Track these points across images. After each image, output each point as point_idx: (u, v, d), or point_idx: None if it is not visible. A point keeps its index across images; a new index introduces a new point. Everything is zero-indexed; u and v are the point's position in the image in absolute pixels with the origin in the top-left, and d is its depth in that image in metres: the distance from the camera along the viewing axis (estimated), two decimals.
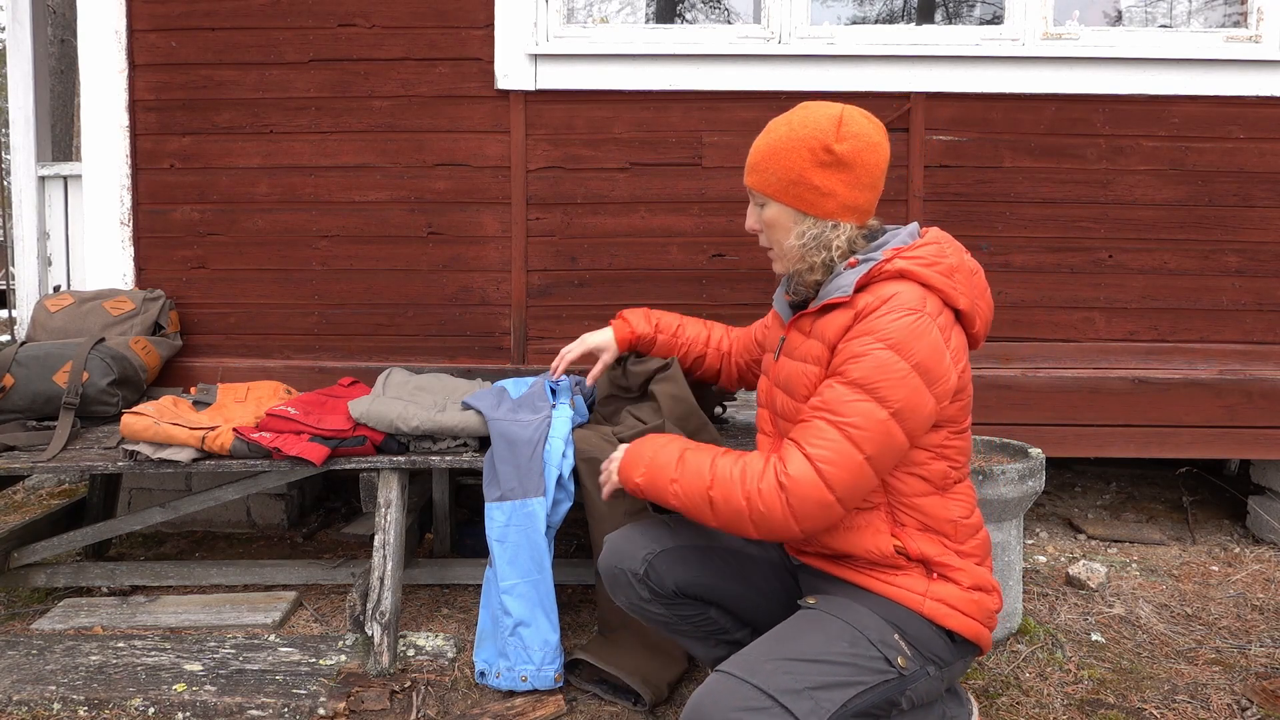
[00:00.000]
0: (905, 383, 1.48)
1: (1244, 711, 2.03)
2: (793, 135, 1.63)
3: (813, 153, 1.61)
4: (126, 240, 3.14)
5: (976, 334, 1.64)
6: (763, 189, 1.67)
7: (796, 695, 1.39)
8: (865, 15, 3.48)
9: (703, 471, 1.58)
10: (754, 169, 1.69)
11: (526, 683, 2.08)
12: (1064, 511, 3.43)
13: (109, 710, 2.02)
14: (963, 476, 1.66)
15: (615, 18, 3.31)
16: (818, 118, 1.63)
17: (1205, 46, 2.98)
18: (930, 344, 1.50)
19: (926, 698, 1.58)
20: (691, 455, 1.62)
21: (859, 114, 1.65)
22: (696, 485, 1.57)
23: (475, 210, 3.12)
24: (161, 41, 3.10)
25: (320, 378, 3.08)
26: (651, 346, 2.29)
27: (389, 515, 2.35)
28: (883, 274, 1.56)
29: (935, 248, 1.59)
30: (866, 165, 1.62)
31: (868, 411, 1.48)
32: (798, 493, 1.48)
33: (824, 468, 1.48)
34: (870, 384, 1.48)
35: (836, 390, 1.51)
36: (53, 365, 2.66)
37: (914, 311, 1.50)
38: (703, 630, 1.82)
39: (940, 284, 1.55)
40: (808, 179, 1.62)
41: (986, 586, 1.63)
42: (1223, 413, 3.03)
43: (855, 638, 1.51)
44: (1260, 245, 3.06)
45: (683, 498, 1.58)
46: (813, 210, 1.64)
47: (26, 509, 3.48)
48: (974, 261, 1.66)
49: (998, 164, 3.06)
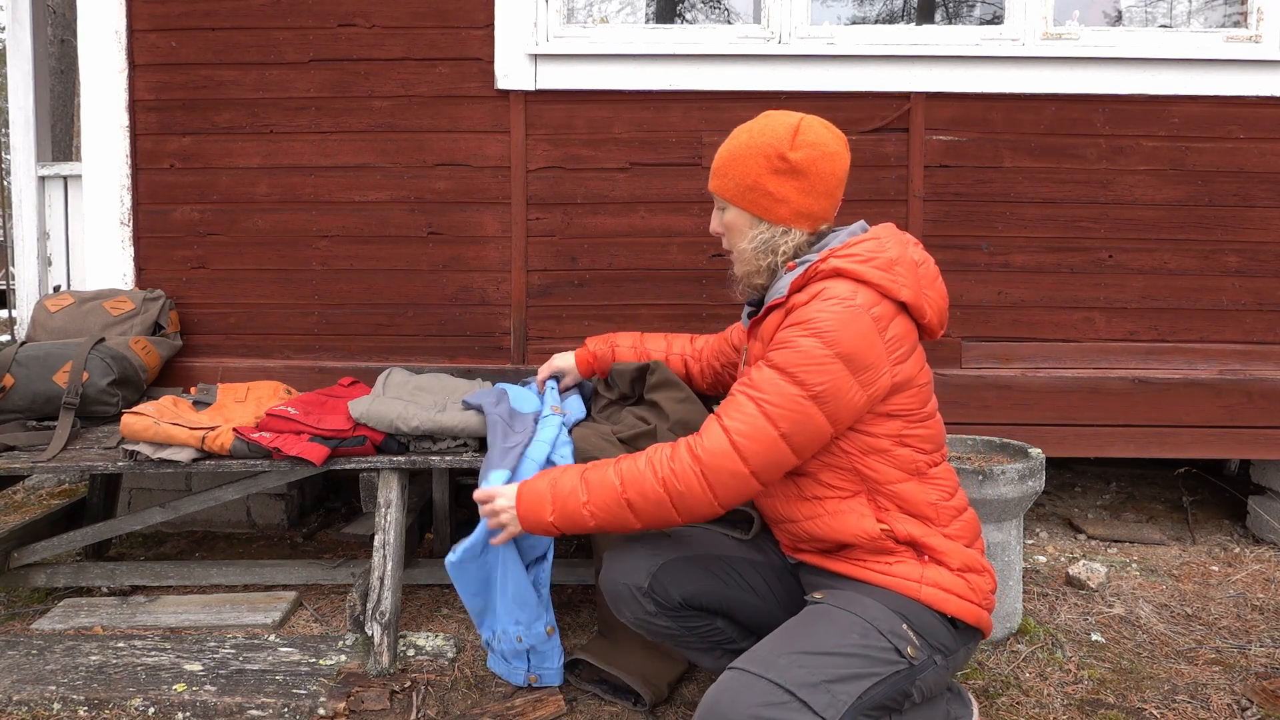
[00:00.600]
0: (826, 369, 1.52)
1: (1244, 711, 2.03)
2: (751, 142, 1.69)
3: (768, 159, 1.66)
4: (126, 240, 3.14)
5: (929, 324, 1.67)
6: (722, 193, 1.74)
7: (813, 689, 1.39)
8: (865, 15, 3.48)
9: (609, 481, 1.59)
10: (716, 173, 1.75)
11: (522, 643, 2.05)
12: (1064, 511, 3.43)
13: (109, 710, 2.02)
14: (937, 462, 1.68)
15: (615, 18, 3.31)
16: (775, 126, 1.68)
17: (1205, 46, 2.98)
18: (857, 332, 1.53)
19: (934, 689, 1.59)
20: (593, 473, 1.63)
21: (818, 123, 1.70)
22: (609, 496, 1.59)
23: (475, 210, 3.12)
24: (161, 41, 3.10)
25: (320, 378, 3.08)
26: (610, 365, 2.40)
27: (389, 515, 2.35)
28: (818, 273, 1.61)
29: (873, 243, 1.63)
30: (821, 174, 1.67)
31: (785, 391, 1.53)
32: (712, 464, 1.54)
33: (739, 440, 1.53)
34: (791, 367, 1.53)
35: (763, 372, 1.56)
36: (53, 365, 2.66)
37: (841, 301, 1.55)
38: (709, 641, 1.82)
39: (876, 278, 1.58)
40: (762, 185, 1.68)
41: (977, 567, 1.64)
42: (1223, 413, 3.03)
43: (866, 629, 1.52)
44: (1260, 245, 3.06)
45: (599, 515, 1.60)
46: (766, 215, 1.70)
47: (26, 509, 3.48)
48: (921, 253, 1.71)
49: (998, 164, 3.06)
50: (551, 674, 2.10)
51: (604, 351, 2.41)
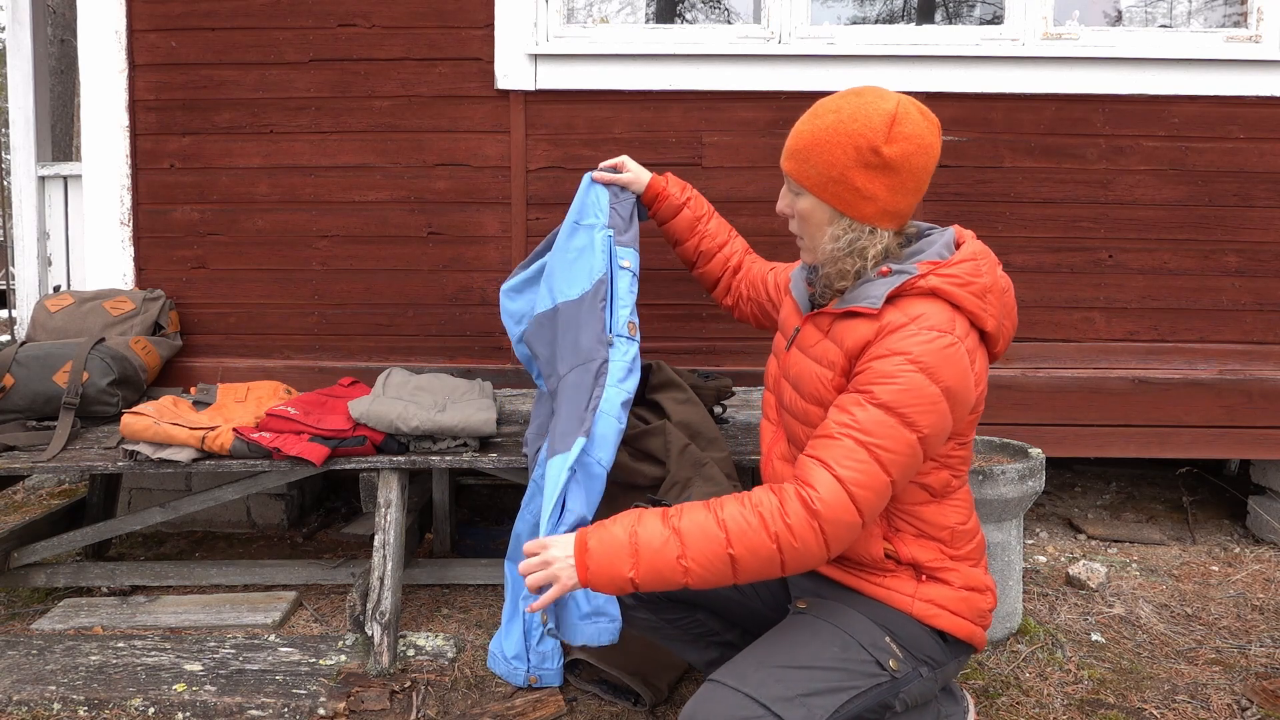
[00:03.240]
0: (936, 407, 1.43)
1: (1244, 711, 2.03)
2: (840, 128, 1.50)
3: (858, 151, 1.49)
4: (126, 240, 3.14)
5: (997, 353, 1.59)
6: (800, 179, 1.56)
7: (789, 703, 1.39)
8: (865, 15, 3.48)
9: (710, 532, 1.40)
10: (793, 155, 1.57)
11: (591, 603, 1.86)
12: (1064, 511, 3.43)
13: (109, 710, 2.02)
14: (963, 484, 1.64)
15: (615, 18, 3.31)
16: (869, 112, 1.50)
17: (1205, 46, 2.98)
18: (960, 368, 1.45)
19: (921, 699, 1.58)
20: (685, 521, 1.43)
21: (914, 110, 1.53)
22: (712, 551, 1.40)
23: (475, 210, 3.12)
24: (161, 41, 3.10)
25: (320, 378, 3.08)
26: (673, 214, 2.27)
27: (389, 515, 2.35)
28: (914, 289, 1.49)
29: (971, 265, 1.51)
30: (914, 170, 1.52)
31: (900, 435, 1.42)
32: (830, 517, 1.39)
33: (855, 490, 1.40)
34: (901, 408, 1.41)
35: (868, 411, 1.43)
36: (53, 365, 2.67)
37: (944, 333, 1.44)
38: (691, 633, 1.81)
39: (971, 306, 1.49)
40: (849, 179, 1.51)
41: (980, 587, 1.62)
42: (1223, 413, 3.03)
43: (846, 642, 1.50)
44: (1260, 245, 3.06)
45: (697, 570, 1.40)
46: (848, 211, 1.54)
47: (26, 509, 3.48)
48: (1006, 278, 1.59)
49: (998, 164, 3.06)
50: (551, 675, 2.10)
51: (673, 198, 2.25)
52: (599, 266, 2.12)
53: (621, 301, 2.08)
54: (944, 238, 1.58)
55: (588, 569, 1.43)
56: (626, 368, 1.99)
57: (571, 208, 2.28)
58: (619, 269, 2.12)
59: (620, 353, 2.01)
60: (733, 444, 2.45)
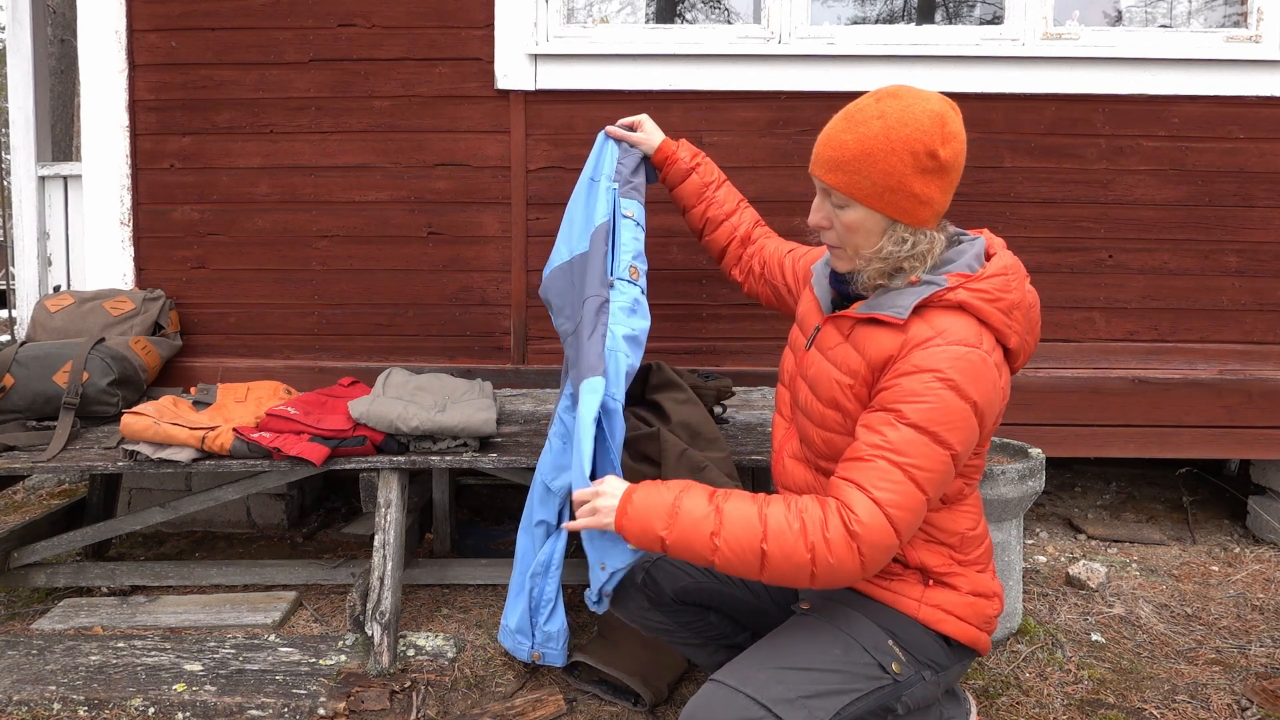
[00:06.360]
0: (966, 423, 1.41)
1: (1244, 711, 2.03)
2: (891, 134, 1.45)
3: (915, 158, 1.44)
4: (126, 240, 3.14)
5: (1016, 368, 1.57)
6: (849, 190, 1.48)
7: (790, 704, 1.39)
8: (865, 15, 3.48)
9: (750, 521, 1.41)
10: (839, 166, 1.49)
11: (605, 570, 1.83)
12: (1064, 511, 3.43)
13: (109, 710, 2.02)
14: (973, 490, 1.64)
15: (615, 18, 3.31)
16: (918, 115, 1.45)
17: (1205, 46, 2.98)
18: (989, 383, 1.43)
19: (923, 702, 1.58)
20: (731, 504, 1.44)
21: (950, 105, 1.50)
22: (747, 539, 1.40)
23: (475, 210, 3.12)
24: (161, 41, 3.10)
25: (320, 378, 3.08)
26: (681, 179, 2.27)
27: (389, 515, 2.35)
28: (942, 301, 1.46)
29: (1001, 281, 1.48)
30: (960, 167, 1.49)
31: (935, 455, 1.40)
32: (870, 540, 1.38)
33: (893, 512, 1.38)
34: (933, 426, 1.40)
35: (900, 432, 1.40)
36: (53, 365, 2.67)
37: (973, 348, 1.42)
38: (703, 636, 1.82)
39: (998, 322, 1.47)
40: (908, 186, 1.45)
41: (986, 592, 1.61)
42: (1223, 413, 3.03)
43: (849, 644, 1.50)
44: (1260, 245, 3.06)
45: (726, 552, 1.41)
46: (905, 218, 1.48)
47: (26, 509, 3.48)
48: (1034, 292, 1.56)
49: (998, 164, 3.06)
50: (555, 655, 2.08)
51: (681, 162, 2.25)
52: (603, 213, 2.18)
53: (625, 248, 2.12)
54: (975, 248, 1.54)
55: (626, 514, 1.49)
56: (629, 308, 2.04)
57: (585, 165, 2.33)
58: (622, 217, 2.17)
59: (620, 293, 2.05)
60: (733, 444, 2.45)
